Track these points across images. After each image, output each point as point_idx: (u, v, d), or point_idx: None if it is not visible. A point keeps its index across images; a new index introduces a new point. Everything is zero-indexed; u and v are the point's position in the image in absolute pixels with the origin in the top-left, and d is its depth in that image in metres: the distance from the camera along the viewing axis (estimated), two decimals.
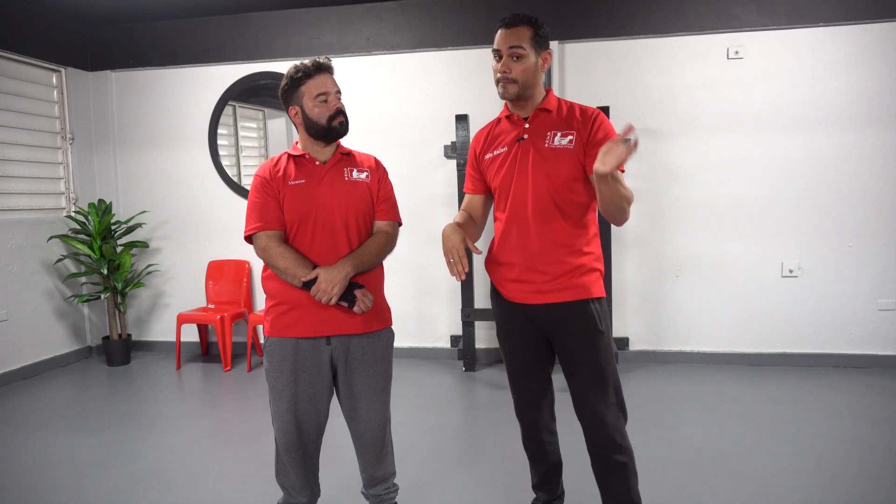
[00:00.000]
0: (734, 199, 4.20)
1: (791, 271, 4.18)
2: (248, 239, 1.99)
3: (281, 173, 1.96)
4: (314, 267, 1.90)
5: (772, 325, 4.22)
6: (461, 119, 4.16)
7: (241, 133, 5.00)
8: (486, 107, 4.41)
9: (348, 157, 2.04)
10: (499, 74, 1.85)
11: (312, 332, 1.94)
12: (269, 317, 1.98)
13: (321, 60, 1.94)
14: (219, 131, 4.87)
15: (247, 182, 4.92)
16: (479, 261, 4.46)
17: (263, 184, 1.96)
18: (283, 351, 1.95)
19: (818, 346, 4.19)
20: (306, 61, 1.94)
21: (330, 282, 1.86)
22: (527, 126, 1.89)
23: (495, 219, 2.00)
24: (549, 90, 1.95)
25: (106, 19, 4.78)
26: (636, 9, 4.14)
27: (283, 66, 4.66)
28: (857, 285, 4.12)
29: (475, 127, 4.39)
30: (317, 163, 1.99)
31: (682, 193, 4.25)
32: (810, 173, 4.11)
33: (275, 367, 1.97)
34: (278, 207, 1.94)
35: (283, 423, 1.98)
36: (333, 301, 1.88)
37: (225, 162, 4.89)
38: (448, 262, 1.79)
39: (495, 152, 1.94)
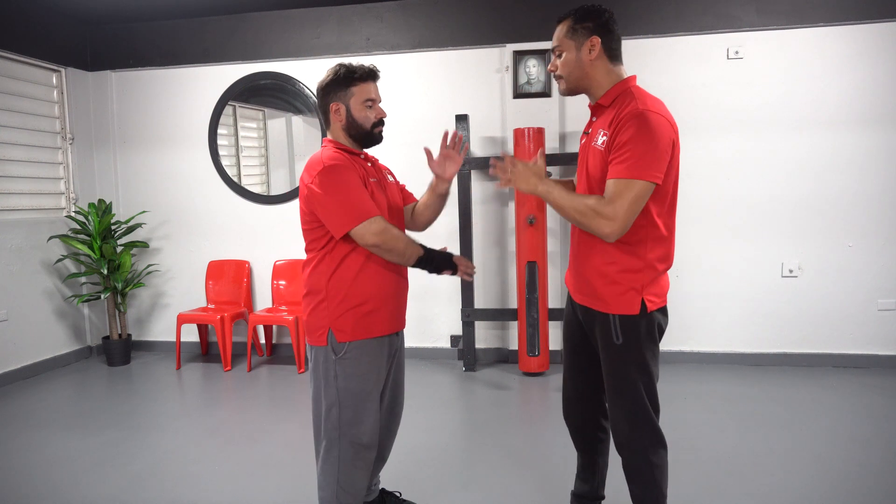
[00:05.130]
0: (734, 199, 4.20)
1: (791, 271, 4.18)
2: (344, 231, 1.84)
3: (359, 166, 1.92)
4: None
5: (772, 325, 4.22)
6: (461, 119, 4.16)
7: (241, 133, 5.00)
8: (487, 107, 4.42)
9: (374, 160, 2.09)
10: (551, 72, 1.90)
11: (396, 327, 2.00)
12: (350, 319, 1.89)
13: (372, 68, 1.98)
14: (219, 131, 4.87)
15: (247, 182, 4.92)
16: (478, 261, 4.46)
17: (349, 172, 1.86)
18: (375, 351, 1.94)
19: (818, 346, 4.19)
20: (361, 63, 1.97)
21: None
22: (593, 119, 1.88)
23: None
24: (626, 79, 1.80)
25: (106, 19, 4.78)
26: (636, 9, 4.14)
27: (283, 67, 4.67)
28: (857, 285, 4.11)
29: (475, 127, 4.39)
30: (368, 164, 2.00)
31: (682, 193, 4.20)
32: (810, 173, 4.11)
33: (365, 370, 1.91)
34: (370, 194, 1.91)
35: (372, 430, 1.93)
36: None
37: (225, 162, 4.89)
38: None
39: (582, 141, 1.96)
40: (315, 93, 2.02)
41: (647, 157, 1.61)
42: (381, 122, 1.98)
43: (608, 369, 1.85)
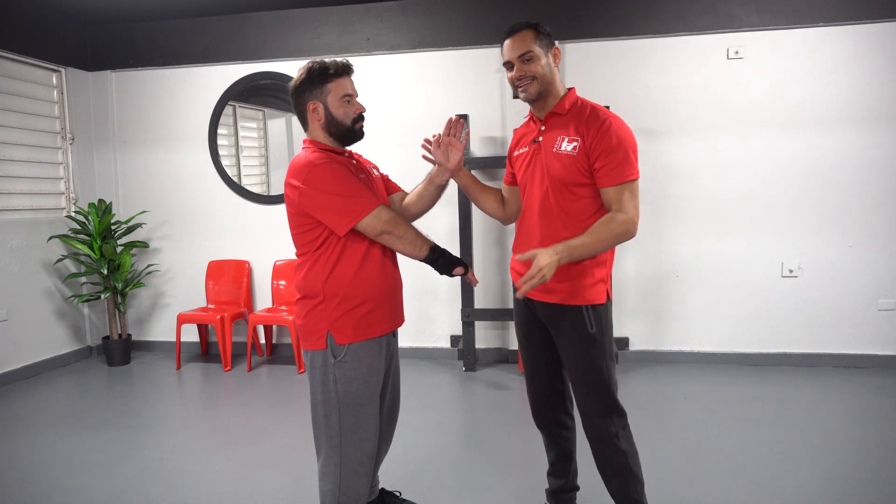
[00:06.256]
0: (734, 198, 4.20)
1: (791, 271, 4.18)
2: (349, 227, 1.80)
3: (345, 165, 1.88)
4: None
5: (772, 325, 4.22)
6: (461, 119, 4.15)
7: (241, 133, 5.00)
8: (486, 107, 4.42)
9: (358, 157, 2.06)
10: (516, 80, 1.91)
11: (394, 325, 1.97)
12: (350, 320, 1.84)
13: (346, 62, 1.91)
14: (219, 131, 4.87)
15: (247, 182, 4.92)
16: (479, 261, 4.47)
17: (340, 167, 1.83)
18: (375, 352, 1.90)
19: (818, 346, 4.19)
20: (333, 59, 1.91)
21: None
22: (542, 128, 1.96)
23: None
24: (570, 90, 1.97)
25: (106, 19, 4.78)
26: (636, 9, 4.14)
27: (283, 66, 4.67)
28: (857, 285, 4.12)
29: (475, 127, 4.40)
30: (353, 162, 1.97)
31: (682, 193, 4.25)
32: (810, 173, 4.11)
33: (365, 373, 1.87)
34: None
35: (373, 436, 1.91)
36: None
37: (225, 162, 4.89)
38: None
39: (521, 151, 2.04)
40: (290, 94, 1.93)
41: (631, 158, 1.81)
42: (360, 118, 1.92)
43: (581, 361, 1.90)
